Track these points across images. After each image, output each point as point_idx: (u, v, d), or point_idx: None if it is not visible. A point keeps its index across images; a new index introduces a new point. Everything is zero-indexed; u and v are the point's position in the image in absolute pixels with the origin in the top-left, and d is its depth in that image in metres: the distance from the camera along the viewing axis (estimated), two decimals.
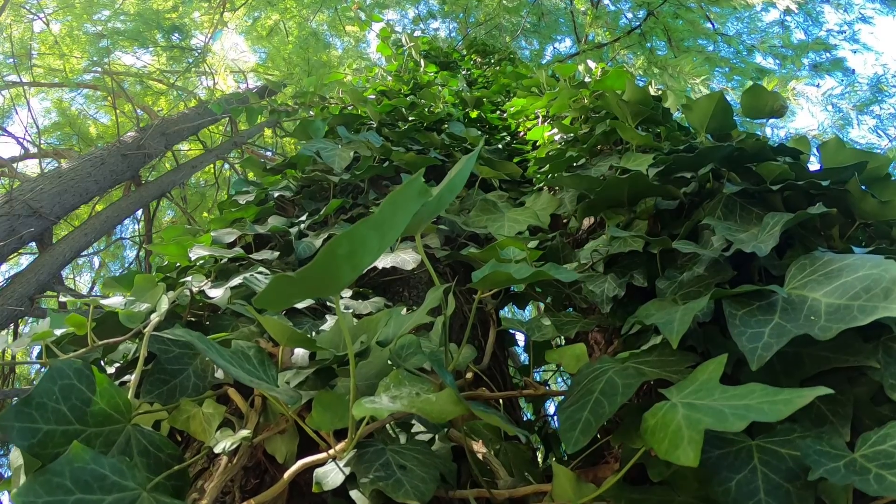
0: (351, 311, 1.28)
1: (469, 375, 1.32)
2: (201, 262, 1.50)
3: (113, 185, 6.16)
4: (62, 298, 6.11)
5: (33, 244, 5.78)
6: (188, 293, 1.28)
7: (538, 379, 2.19)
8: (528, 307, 2.75)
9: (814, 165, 1.62)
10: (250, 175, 2.14)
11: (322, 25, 7.81)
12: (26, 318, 6.38)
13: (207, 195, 7.11)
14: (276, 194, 1.91)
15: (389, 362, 0.93)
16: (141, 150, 6.16)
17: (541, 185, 2.39)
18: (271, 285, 0.55)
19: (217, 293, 1.32)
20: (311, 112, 2.95)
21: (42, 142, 6.87)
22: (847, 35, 5.47)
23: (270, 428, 0.97)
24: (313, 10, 7.51)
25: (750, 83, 5.36)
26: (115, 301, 1.11)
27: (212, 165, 6.75)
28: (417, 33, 6.62)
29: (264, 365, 0.87)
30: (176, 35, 6.92)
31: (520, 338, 2.75)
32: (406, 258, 1.39)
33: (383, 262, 1.41)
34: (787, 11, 5.03)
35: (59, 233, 6.50)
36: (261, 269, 1.37)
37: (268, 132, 6.98)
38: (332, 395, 0.83)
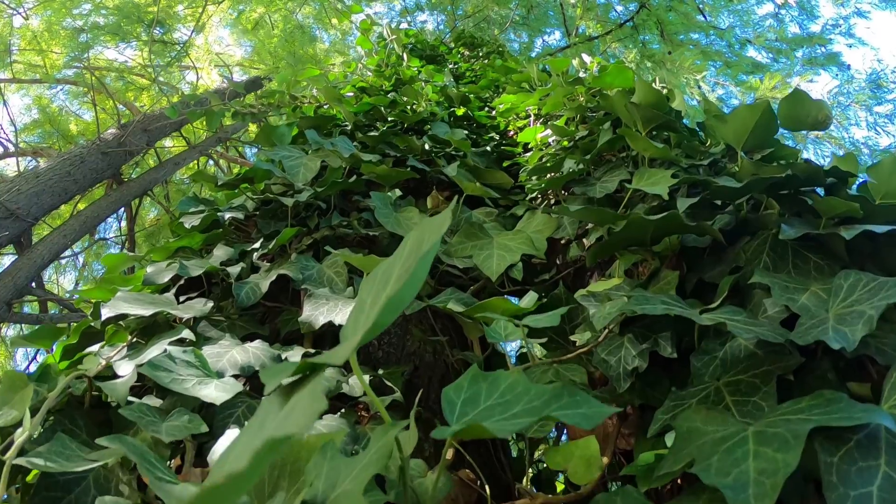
0: None
1: (449, 455, 1.00)
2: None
3: (93, 184, 5.76)
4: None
5: (11, 246, 5.40)
6: (84, 379, 0.94)
7: None
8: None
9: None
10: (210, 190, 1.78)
11: (308, 18, 7.37)
12: (8, 323, 6.01)
13: (192, 191, 6.71)
14: (227, 216, 1.57)
15: None
16: (122, 148, 5.75)
17: (534, 194, 2.06)
18: None
19: (125, 370, 0.99)
20: (282, 113, 2.59)
21: (22, 140, 6.44)
22: (842, 29, 5.13)
23: None
24: (299, 3, 7.08)
25: (748, 79, 5.03)
26: None
27: (195, 162, 6.34)
28: (404, 25, 6.21)
29: None
30: (158, 29, 6.47)
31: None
32: None
33: (340, 318, 1.08)
34: (784, 4, 4.68)
35: (42, 233, 6.10)
36: (184, 333, 1.04)
37: (252, 127, 6.57)
38: None
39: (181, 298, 1.44)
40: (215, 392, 0.89)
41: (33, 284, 5.55)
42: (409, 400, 1.22)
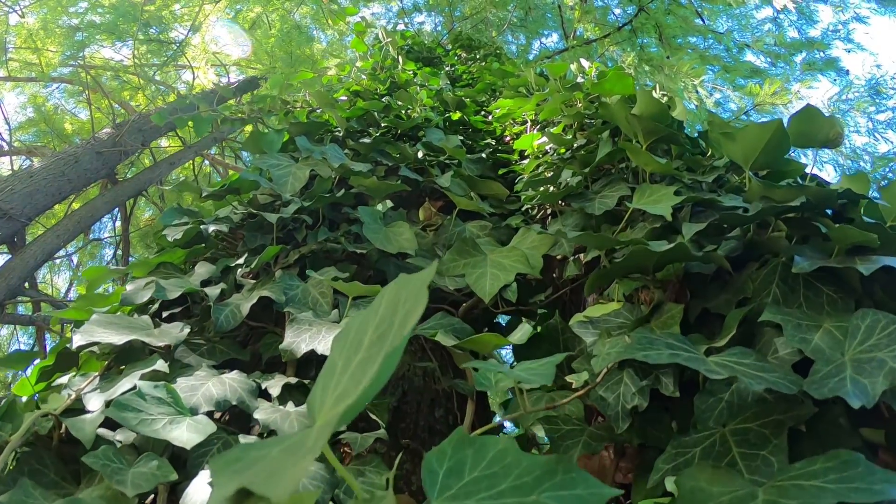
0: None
1: None
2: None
3: (87, 184, 5.67)
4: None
5: (4, 247, 5.31)
6: (51, 416, 0.88)
7: None
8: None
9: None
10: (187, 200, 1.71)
11: (305, 18, 7.28)
12: (1, 324, 5.92)
13: (186, 192, 6.61)
14: (211, 228, 1.50)
15: None
16: (117, 148, 5.66)
17: (531, 204, 2.00)
18: None
19: (95, 405, 0.92)
20: (274, 114, 2.51)
21: (16, 139, 6.35)
22: (841, 34, 5.05)
23: None
24: (296, 3, 6.99)
25: (747, 84, 4.95)
26: None
27: (191, 162, 6.26)
28: (401, 27, 6.13)
29: None
30: (154, 28, 6.38)
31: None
32: None
33: (323, 347, 1.01)
34: (783, 9, 4.60)
35: (36, 232, 6.00)
36: (158, 364, 0.97)
37: (248, 128, 6.48)
38: None
39: (164, 314, 1.37)
40: (187, 434, 0.83)
41: (26, 285, 5.47)
42: (396, 430, 1.16)
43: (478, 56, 5.14)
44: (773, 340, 0.80)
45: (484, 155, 2.52)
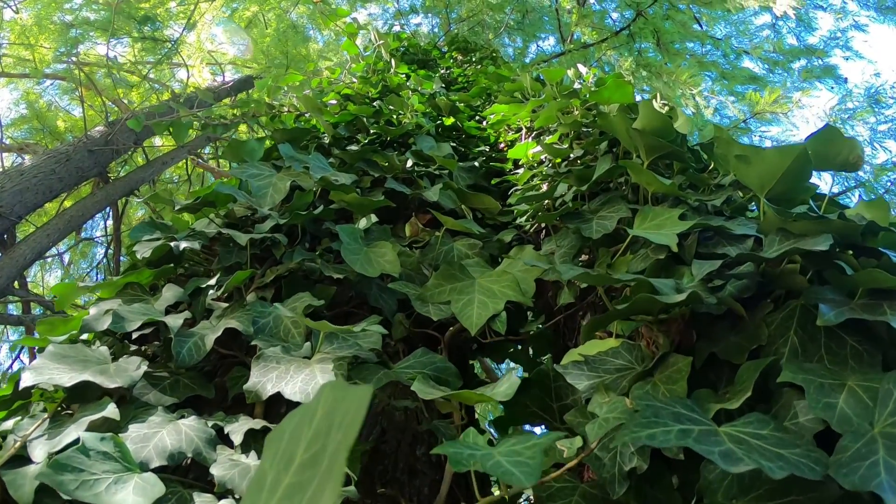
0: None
1: None
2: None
3: (79, 183, 5.53)
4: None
5: None
6: None
7: None
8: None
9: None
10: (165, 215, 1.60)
11: (302, 18, 7.15)
12: None
13: (181, 191, 6.48)
14: (182, 245, 1.38)
15: None
16: (109, 146, 5.52)
17: (524, 219, 1.89)
18: None
19: (39, 455, 0.81)
20: (259, 114, 2.39)
21: (8, 136, 6.20)
22: (840, 42, 4.95)
23: None
24: (293, 2, 6.85)
25: (746, 92, 4.85)
26: None
27: (184, 161, 6.12)
28: (397, 28, 6.01)
29: None
30: (148, 26, 6.23)
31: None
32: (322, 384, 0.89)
33: (290, 390, 0.90)
34: (783, 16, 4.50)
35: (27, 230, 5.86)
36: (108, 409, 0.86)
37: (243, 128, 6.34)
38: None
39: (134, 335, 1.26)
40: (132, 497, 0.72)
41: (16, 284, 5.34)
42: (373, 473, 1.05)
43: (474, 59, 5.02)
44: (792, 403, 0.69)
45: (477, 163, 2.41)
